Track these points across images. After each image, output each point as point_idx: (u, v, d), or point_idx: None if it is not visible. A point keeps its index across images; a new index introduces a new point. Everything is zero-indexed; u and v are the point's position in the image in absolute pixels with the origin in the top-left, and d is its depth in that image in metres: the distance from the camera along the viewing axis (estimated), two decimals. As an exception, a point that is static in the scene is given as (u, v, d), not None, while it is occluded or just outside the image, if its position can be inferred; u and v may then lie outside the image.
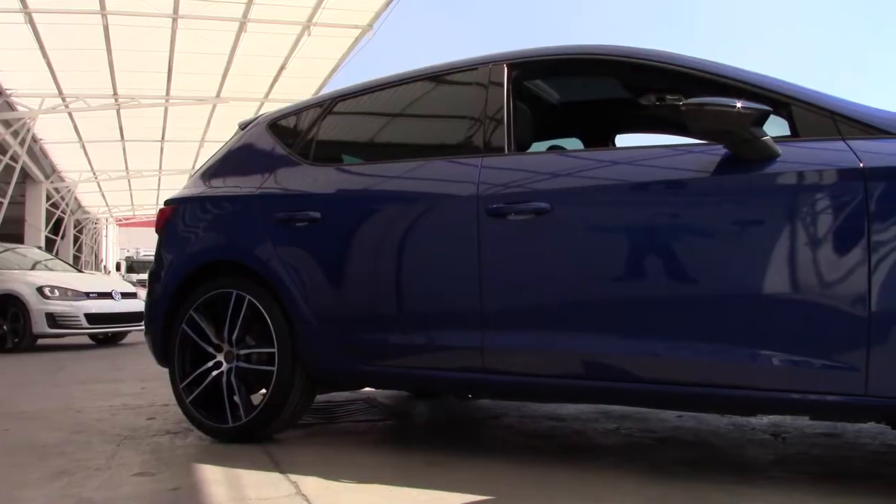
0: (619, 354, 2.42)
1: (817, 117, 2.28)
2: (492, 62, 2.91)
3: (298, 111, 3.48)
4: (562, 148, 3.57)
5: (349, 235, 2.97)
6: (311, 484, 2.47)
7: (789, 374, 2.18)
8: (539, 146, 3.50)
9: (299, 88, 16.01)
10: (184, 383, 3.23)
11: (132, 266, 32.29)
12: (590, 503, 2.22)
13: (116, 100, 16.80)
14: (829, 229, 2.16)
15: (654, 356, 2.37)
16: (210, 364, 3.18)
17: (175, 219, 3.51)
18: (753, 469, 2.59)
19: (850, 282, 2.10)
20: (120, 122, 19.01)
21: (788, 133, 2.35)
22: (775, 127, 2.37)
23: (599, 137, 3.85)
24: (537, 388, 2.64)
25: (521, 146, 2.91)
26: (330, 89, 4.47)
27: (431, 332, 2.78)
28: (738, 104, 2.17)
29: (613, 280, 2.46)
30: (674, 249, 2.38)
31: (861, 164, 2.12)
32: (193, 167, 22.43)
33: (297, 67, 15.59)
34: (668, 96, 3.21)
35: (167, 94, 16.76)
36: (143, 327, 3.59)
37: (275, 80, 16.40)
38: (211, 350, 3.20)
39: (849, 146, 2.18)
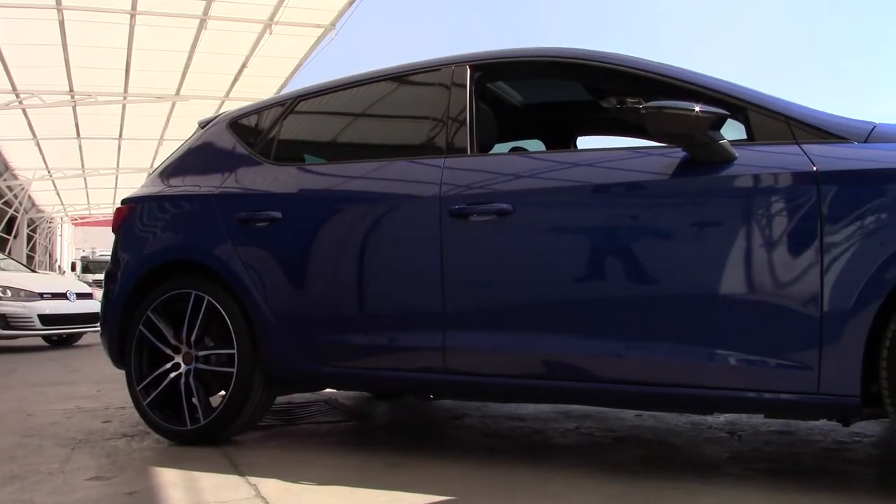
0: (580, 355, 2.44)
1: (772, 122, 2.33)
2: (454, 63, 2.92)
3: (259, 110, 3.45)
4: (524, 149, 3.60)
5: (311, 236, 2.95)
6: (271, 486, 2.45)
7: (745, 373, 2.23)
8: (501, 147, 3.52)
9: (261, 87, 15.83)
10: (141, 385, 3.18)
11: (88, 266, 31.59)
12: (550, 502, 2.23)
13: (72, 97, 16.43)
14: (784, 231, 2.20)
15: (614, 356, 2.40)
16: (168, 366, 3.14)
17: (132, 218, 3.45)
18: (710, 466, 2.63)
19: (803, 282, 2.15)
20: (76, 119, 18.60)
21: (745, 137, 2.39)
22: (732, 130, 2.42)
23: (561, 139, 3.88)
24: (499, 388, 2.65)
25: (484, 147, 2.92)
26: (292, 88, 4.45)
27: (393, 333, 2.78)
28: (697, 108, 2.21)
29: (574, 281, 2.49)
30: (633, 251, 2.41)
31: (814, 168, 2.17)
32: (152, 166, 22.02)
33: (259, 66, 15.42)
34: (629, 99, 3.25)
35: (125, 91, 16.44)
36: (99, 328, 3.53)
37: (236, 79, 16.20)
38: (169, 351, 3.15)
39: (803, 150, 2.23)
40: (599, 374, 2.44)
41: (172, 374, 3.12)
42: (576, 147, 3.90)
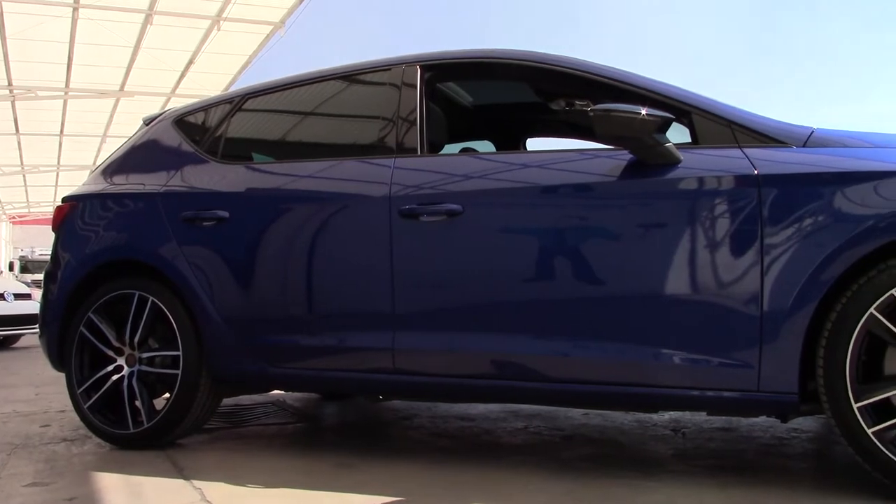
0: (529, 354, 2.47)
1: (716, 126, 2.38)
2: (405, 63, 2.91)
3: (207, 107, 3.40)
4: (474, 150, 3.61)
5: (259, 235, 2.91)
6: (217, 490, 2.41)
7: (689, 372, 2.28)
8: (451, 148, 3.52)
9: (208, 84, 15.60)
10: (81, 388, 3.10)
11: (27, 266, 30.61)
12: (498, 501, 2.25)
13: (11, 91, 15.95)
14: (727, 233, 2.26)
15: (562, 356, 2.42)
16: (110, 368, 3.07)
17: (74, 217, 3.36)
18: (655, 463, 2.68)
19: (744, 283, 2.20)
20: (15, 114, 18.07)
21: (689, 140, 2.45)
22: (677, 134, 2.47)
23: (511, 140, 3.91)
24: (448, 388, 2.66)
25: (434, 148, 2.92)
26: (240, 86, 4.39)
27: (342, 334, 2.76)
28: (643, 111, 2.25)
29: (523, 281, 2.51)
30: (581, 251, 2.44)
31: (755, 171, 2.23)
32: (94, 163, 21.53)
33: (206, 63, 15.19)
34: (577, 102, 3.29)
35: (67, 86, 16.03)
36: (38, 330, 3.43)
37: (182, 75, 15.93)
38: (111, 353, 3.08)
39: (744, 154, 2.29)
40: (548, 373, 2.46)
41: (115, 377, 3.05)
42: (525, 148, 3.93)
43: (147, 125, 3.53)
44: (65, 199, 3.49)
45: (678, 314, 2.30)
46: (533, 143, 3.96)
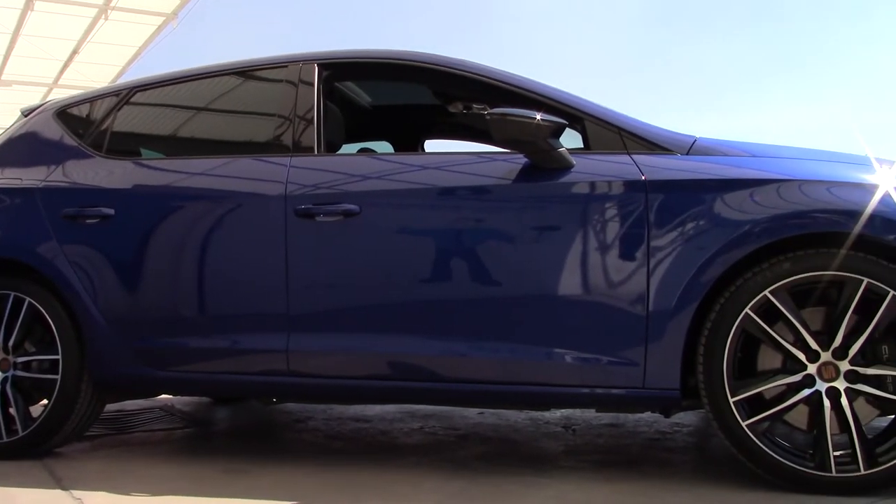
0: (425, 355, 2.48)
1: (606, 132, 2.47)
2: (302, 61, 2.88)
3: (91, 99, 3.24)
4: (372, 151, 3.60)
5: (146, 234, 2.80)
6: (98, 500, 2.31)
7: (580, 371, 2.35)
8: (349, 148, 3.50)
9: (94, 76, 14.85)
10: (-52, 396, 2.90)
11: None
12: (393, 502, 2.25)
13: None
14: (616, 236, 2.34)
15: (458, 356, 2.45)
16: (-20, 374, 2.88)
17: (-59, 211, 3.13)
18: (547, 460, 2.75)
19: (632, 284, 2.30)
20: None
21: (582, 146, 2.53)
22: (570, 139, 2.54)
23: (409, 142, 3.92)
24: (344, 390, 2.64)
25: (332, 147, 2.90)
26: (128, 78, 4.21)
27: (235, 336, 2.69)
28: (538, 116, 2.31)
29: (420, 282, 2.52)
30: (477, 253, 2.48)
31: (643, 177, 2.33)
32: (-34, 155, 20.13)
33: (92, 53, 14.47)
34: (475, 105, 3.34)
35: (-64, 72, 14.94)
36: None
37: (66, 66, 15.10)
38: (-18, 358, 2.89)
39: (633, 160, 2.38)
40: (444, 373, 2.49)
41: (-14, 383, 2.87)
42: (423, 150, 3.95)
43: (26, 116, 3.34)
44: (-69, 193, 3.25)
45: (570, 314, 2.37)
46: (431, 145, 3.99)
